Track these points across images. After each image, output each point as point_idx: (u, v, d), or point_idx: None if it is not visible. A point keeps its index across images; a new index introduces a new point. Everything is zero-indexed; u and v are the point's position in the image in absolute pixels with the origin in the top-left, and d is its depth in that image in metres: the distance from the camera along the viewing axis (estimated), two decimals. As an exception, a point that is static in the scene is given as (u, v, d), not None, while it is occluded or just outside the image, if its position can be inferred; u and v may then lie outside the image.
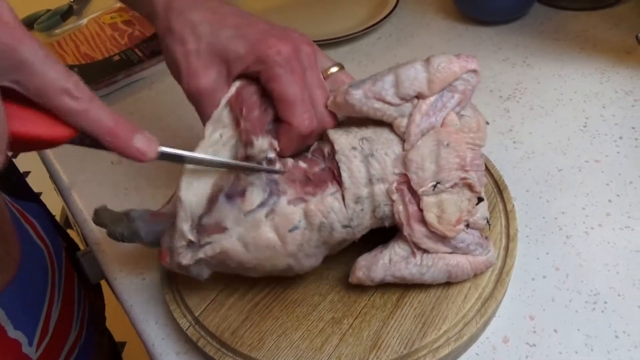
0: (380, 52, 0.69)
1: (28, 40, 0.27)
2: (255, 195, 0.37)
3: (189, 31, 0.37)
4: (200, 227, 0.38)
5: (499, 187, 0.48)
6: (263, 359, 0.39)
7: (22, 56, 0.27)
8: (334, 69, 0.41)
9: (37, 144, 0.30)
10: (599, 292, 0.42)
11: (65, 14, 0.80)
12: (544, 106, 0.58)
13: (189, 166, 0.38)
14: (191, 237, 0.37)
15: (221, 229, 0.37)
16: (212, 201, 0.38)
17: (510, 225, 0.45)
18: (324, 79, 0.40)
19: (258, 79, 0.38)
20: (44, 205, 0.64)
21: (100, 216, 0.42)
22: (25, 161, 1.94)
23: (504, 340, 0.41)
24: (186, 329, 0.41)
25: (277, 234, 0.37)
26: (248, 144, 0.38)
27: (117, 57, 0.70)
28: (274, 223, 0.37)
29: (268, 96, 0.38)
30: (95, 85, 0.67)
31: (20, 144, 0.29)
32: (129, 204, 0.54)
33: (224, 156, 0.38)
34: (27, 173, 1.90)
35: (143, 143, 0.32)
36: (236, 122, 0.38)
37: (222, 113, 0.38)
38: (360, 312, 0.41)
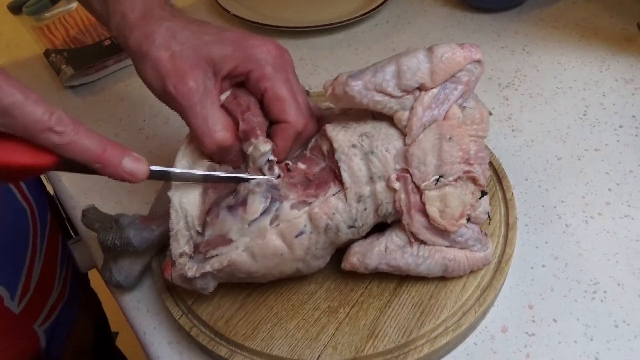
0: (377, 38, 0.68)
1: (5, 84, 0.28)
2: (257, 204, 0.36)
3: (171, 37, 0.37)
4: (204, 242, 0.37)
5: (498, 176, 0.47)
6: (257, 348, 0.38)
7: (1, 103, 0.28)
8: None
9: (21, 172, 0.31)
10: (599, 282, 0.42)
11: (55, -2, 0.78)
12: (543, 94, 0.57)
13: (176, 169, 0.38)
14: (190, 235, 0.37)
15: (226, 241, 0.36)
16: (211, 213, 0.37)
17: (510, 213, 0.44)
18: None
19: (243, 85, 0.38)
20: None
21: (89, 217, 0.41)
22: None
23: (503, 329, 0.40)
24: (178, 318, 0.40)
25: (283, 240, 0.36)
26: (248, 145, 0.37)
27: (107, 42, 0.69)
28: (280, 230, 0.36)
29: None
30: (85, 70, 0.65)
31: (3, 172, 0.30)
32: (121, 191, 0.53)
33: (202, 167, 0.38)
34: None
35: (132, 165, 0.33)
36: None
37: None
38: (357, 301, 0.40)
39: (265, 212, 0.36)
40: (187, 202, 0.37)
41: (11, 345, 0.50)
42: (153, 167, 0.34)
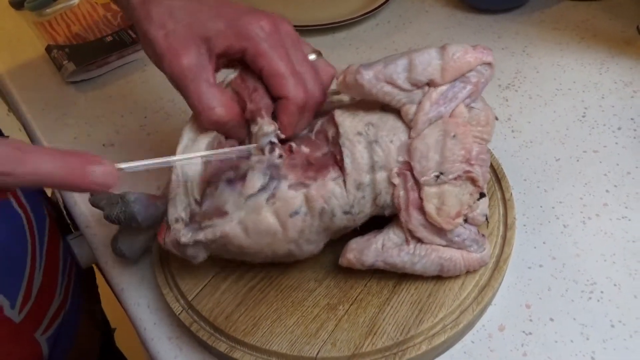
0: (378, 38, 0.69)
1: None
2: (256, 180, 0.36)
3: (168, 16, 0.37)
4: (201, 212, 0.37)
5: (497, 176, 0.47)
6: (257, 344, 0.38)
7: None
8: (312, 56, 0.40)
9: None
10: (596, 282, 0.42)
11: (57, -7, 0.78)
12: (542, 95, 0.58)
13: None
14: (188, 202, 0.37)
15: (222, 213, 0.36)
16: (211, 186, 0.37)
17: (508, 213, 0.44)
18: None
19: (241, 62, 0.38)
20: None
21: (97, 196, 0.42)
22: (14, 145, 1.92)
23: (500, 328, 0.40)
24: (179, 314, 0.40)
25: (277, 219, 0.36)
26: (253, 124, 0.37)
27: (109, 38, 0.69)
28: (275, 208, 0.36)
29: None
30: (87, 66, 0.65)
31: None
32: (122, 184, 0.53)
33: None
34: (16, 157, 1.87)
35: (99, 175, 0.30)
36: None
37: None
38: (356, 298, 0.40)
39: (263, 189, 0.36)
40: (189, 168, 0.37)
41: (11, 355, 0.49)
42: (124, 166, 0.32)
